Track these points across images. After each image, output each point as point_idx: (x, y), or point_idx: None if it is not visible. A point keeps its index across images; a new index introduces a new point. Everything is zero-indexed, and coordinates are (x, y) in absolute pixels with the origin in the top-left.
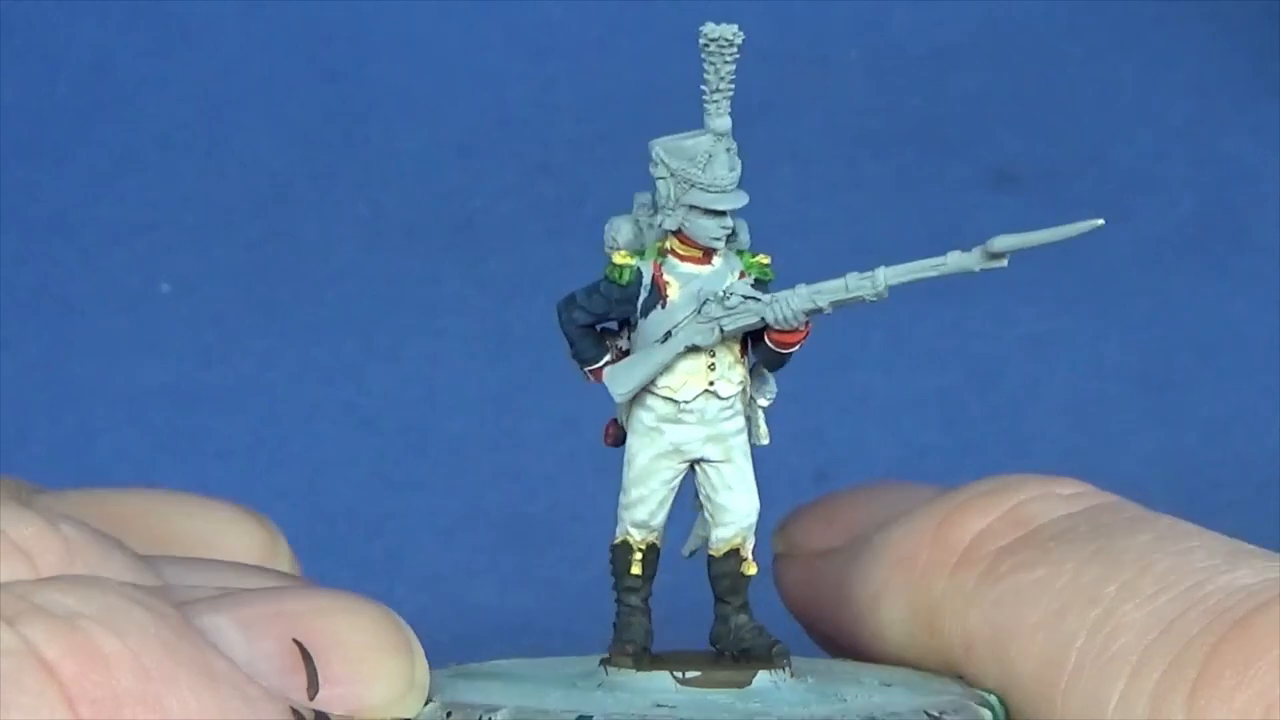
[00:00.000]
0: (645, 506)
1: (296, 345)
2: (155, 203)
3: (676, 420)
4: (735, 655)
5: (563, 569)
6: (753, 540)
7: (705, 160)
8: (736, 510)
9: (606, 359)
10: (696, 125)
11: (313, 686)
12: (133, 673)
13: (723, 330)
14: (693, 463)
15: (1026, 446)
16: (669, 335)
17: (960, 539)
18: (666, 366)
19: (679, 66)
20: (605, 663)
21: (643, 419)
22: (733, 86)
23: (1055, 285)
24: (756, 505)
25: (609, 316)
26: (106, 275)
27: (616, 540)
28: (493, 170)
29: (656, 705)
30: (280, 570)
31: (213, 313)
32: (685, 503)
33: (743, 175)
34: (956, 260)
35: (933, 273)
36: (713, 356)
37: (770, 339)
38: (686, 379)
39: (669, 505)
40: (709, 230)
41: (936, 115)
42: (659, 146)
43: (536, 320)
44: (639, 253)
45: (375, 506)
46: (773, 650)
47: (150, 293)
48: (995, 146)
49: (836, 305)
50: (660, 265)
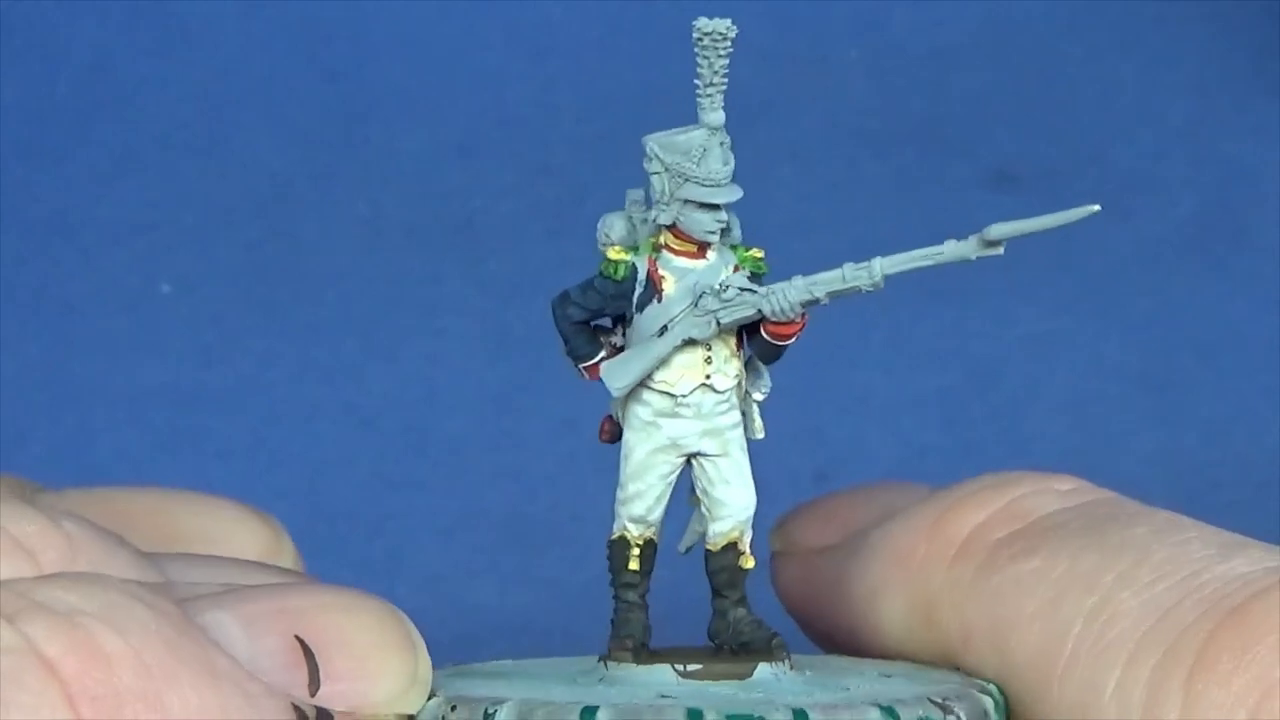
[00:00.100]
0: (643, 501)
1: (296, 345)
2: (155, 203)
3: (673, 415)
4: (734, 649)
5: (562, 568)
6: (750, 534)
7: (700, 154)
8: (734, 504)
9: (601, 355)
10: (695, 124)
11: (314, 683)
12: (134, 670)
13: (719, 323)
14: (689, 457)
15: (1026, 446)
16: (665, 329)
17: (958, 532)
18: (663, 361)
19: (679, 66)
20: (604, 659)
21: (639, 414)
22: (726, 80)
23: (1055, 285)
24: (753, 499)
25: (604, 312)
26: (106, 275)
27: (614, 536)
28: (493, 170)
29: (661, 696)
30: (284, 567)
31: (213, 313)
32: (681, 498)
33: (743, 175)
34: (953, 249)
35: (929, 262)
36: (709, 350)
37: (766, 331)
38: (683, 373)
39: (666, 500)
40: (704, 224)
41: (936, 115)
42: (653, 142)
43: (536, 320)
44: (633, 249)
45: (375, 506)
46: (772, 643)
47: (150, 293)
48: (995, 146)
49: (833, 296)
50: (655, 260)
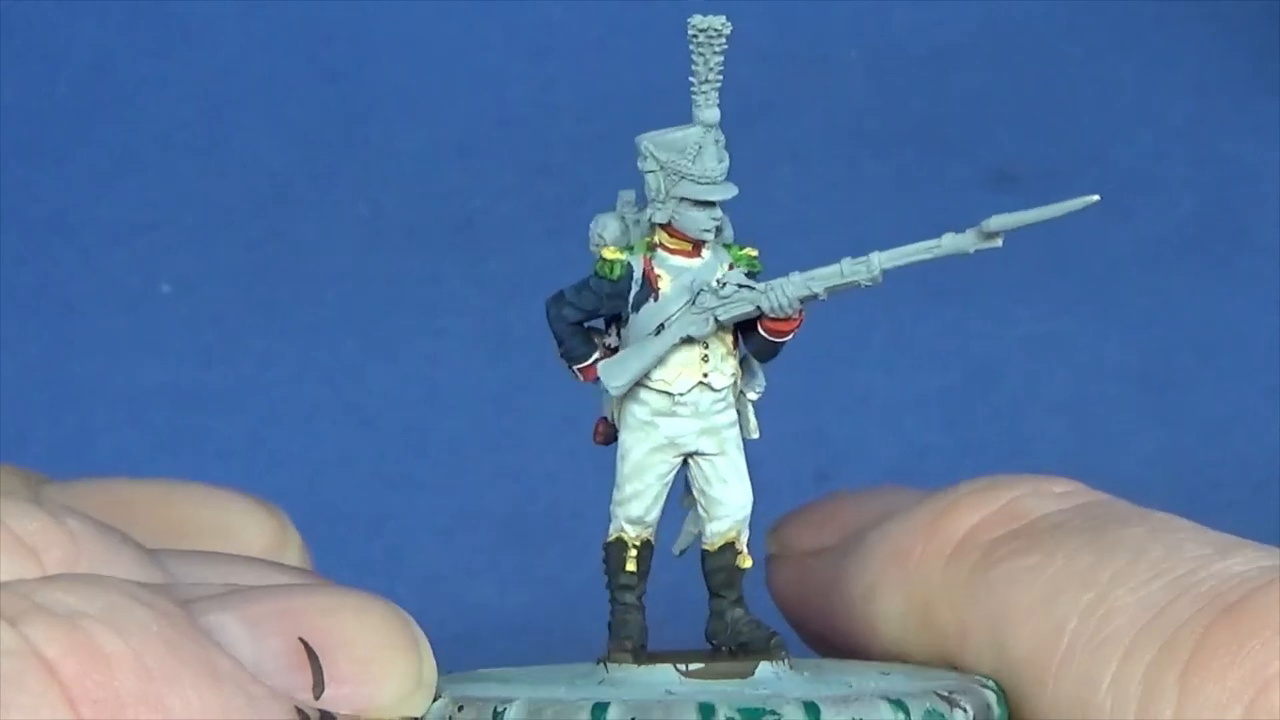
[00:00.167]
0: (640, 502)
1: (296, 345)
2: (155, 203)
3: (671, 413)
4: (733, 649)
5: (562, 568)
6: (747, 533)
7: (695, 152)
8: (731, 503)
9: (596, 356)
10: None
11: (318, 685)
12: (135, 672)
13: (717, 320)
14: (686, 457)
15: (1026, 447)
16: (662, 328)
17: (954, 532)
18: (660, 359)
19: (679, 66)
20: (603, 661)
21: (636, 413)
22: (721, 77)
23: (1055, 285)
24: (750, 498)
25: (599, 313)
26: (106, 275)
27: (610, 538)
28: (493, 170)
29: (668, 693)
30: (291, 562)
31: (213, 313)
32: (675, 501)
33: (743, 175)
34: (951, 242)
35: (927, 255)
36: (706, 349)
37: (764, 328)
38: (680, 371)
39: (663, 500)
40: (699, 222)
41: (936, 115)
42: (647, 141)
43: (536, 320)
44: (628, 248)
45: (375, 506)
46: (771, 642)
47: (150, 293)
48: (995, 146)
49: (832, 291)
50: (650, 259)
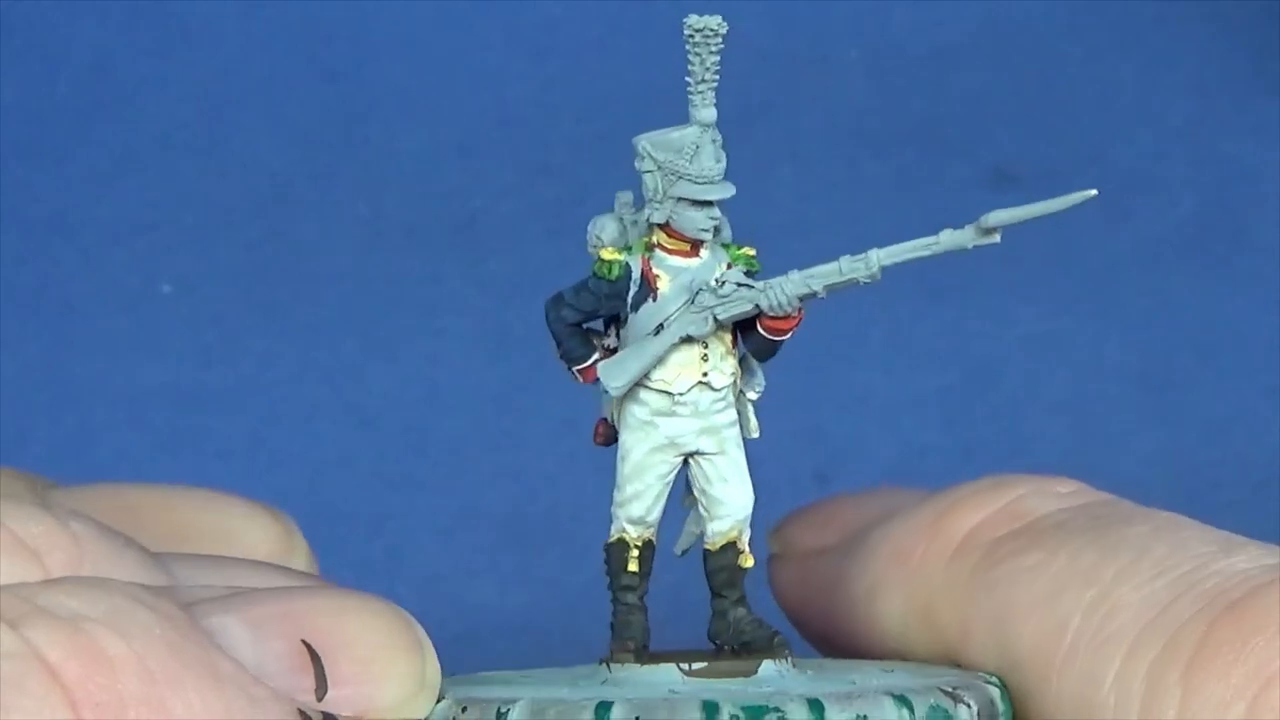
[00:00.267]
0: (641, 502)
1: (296, 345)
2: (155, 203)
3: (671, 413)
4: (735, 648)
5: (562, 568)
6: (748, 533)
7: (692, 152)
8: (732, 502)
9: (595, 357)
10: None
11: (321, 688)
12: (137, 675)
13: (717, 319)
14: (686, 457)
15: (1026, 446)
16: (661, 328)
17: (957, 531)
18: (660, 359)
19: (679, 66)
20: (606, 661)
21: (636, 414)
22: (718, 77)
23: (1055, 285)
24: (751, 497)
25: (598, 313)
26: (106, 275)
27: (611, 539)
28: (493, 170)
29: (671, 692)
30: (298, 568)
31: (213, 313)
32: (676, 501)
33: (743, 175)
34: (950, 238)
35: (926, 252)
36: (705, 348)
37: (763, 326)
38: (680, 371)
39: (664, 500)
40: (697, 222)
41: (936, 115)
42: (645, 141)
43: (536, 320)
44: (626, 249)
45: (375, 506)
46: (774, 641)
47: (150, 293)
48: (995, 146)
49: (831, 289)
50: (649, 259)
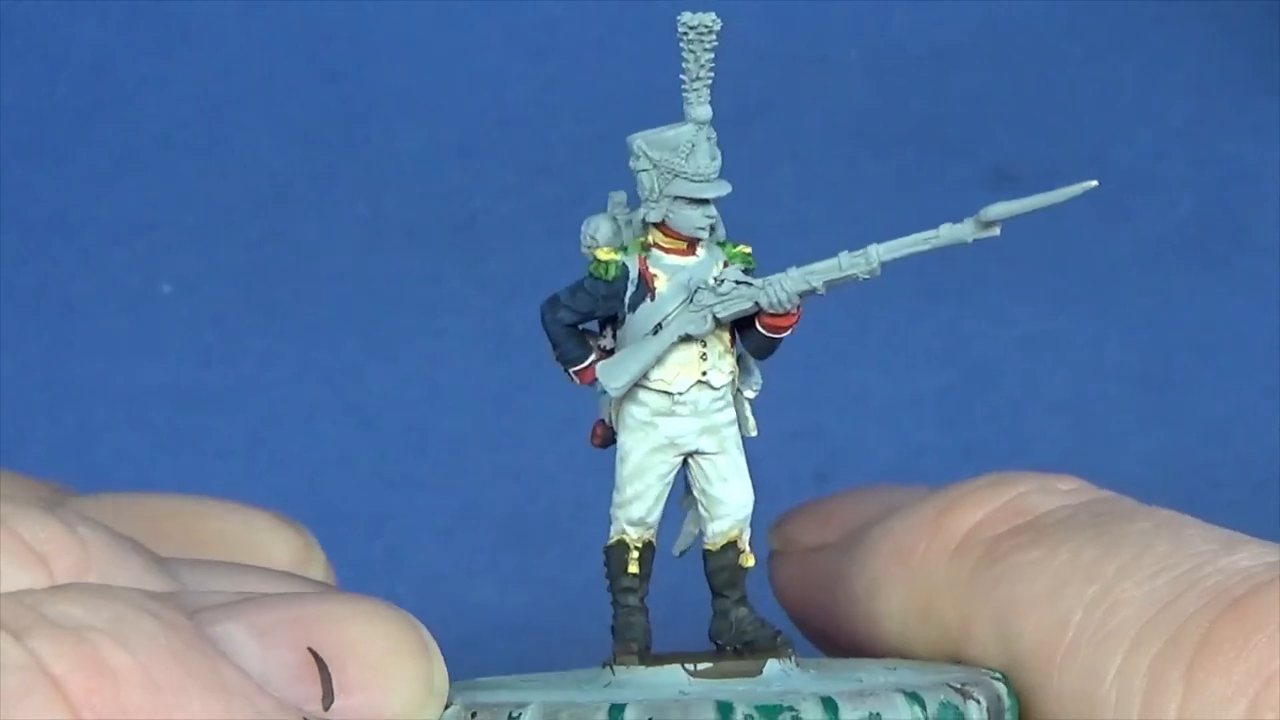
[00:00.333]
0: (642, 503)
1: (296, 345)
2: (155, 203)
3: (670, 413)
4: (738, 648)
5: (562, 568)
6: (749, 532)
7: (688, 150)
8: (732, 502)
9: (592, 358)
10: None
11: (328, 696)
12: (142, 686)
13: (716, 318)
14: (686, 457)
15: (1026, 446)
16: (659, 327)
17: (959, 528)
18: (659, 358)
19: (679, 66)
20: (609, 664)
21: (635, 414)
22: (713, 75)
23: (1055, 285)
24: (751, 496)
25: (595, 314)
26: (106, 275)
27: (611, 541)
28: (493, 170)
29: (681, 693)
30: (307, 577)
31: (213, 313)
32: (674, 502)
33: (743, 175)
34: (949, 232)
35: (925, 246)
36: (704, 347)
37: (762, 324)
38: (679, 371)
39: (664, 501)
40: (693, 220)
41: (936, 115)
42: (640, 140)
43: (536, 320)
44: (621, 249)
45: (375, 506)
46: (777, 640)
47: (150, 293)
48: (995, 146)
49: (830, 285)
50: (645, 259)
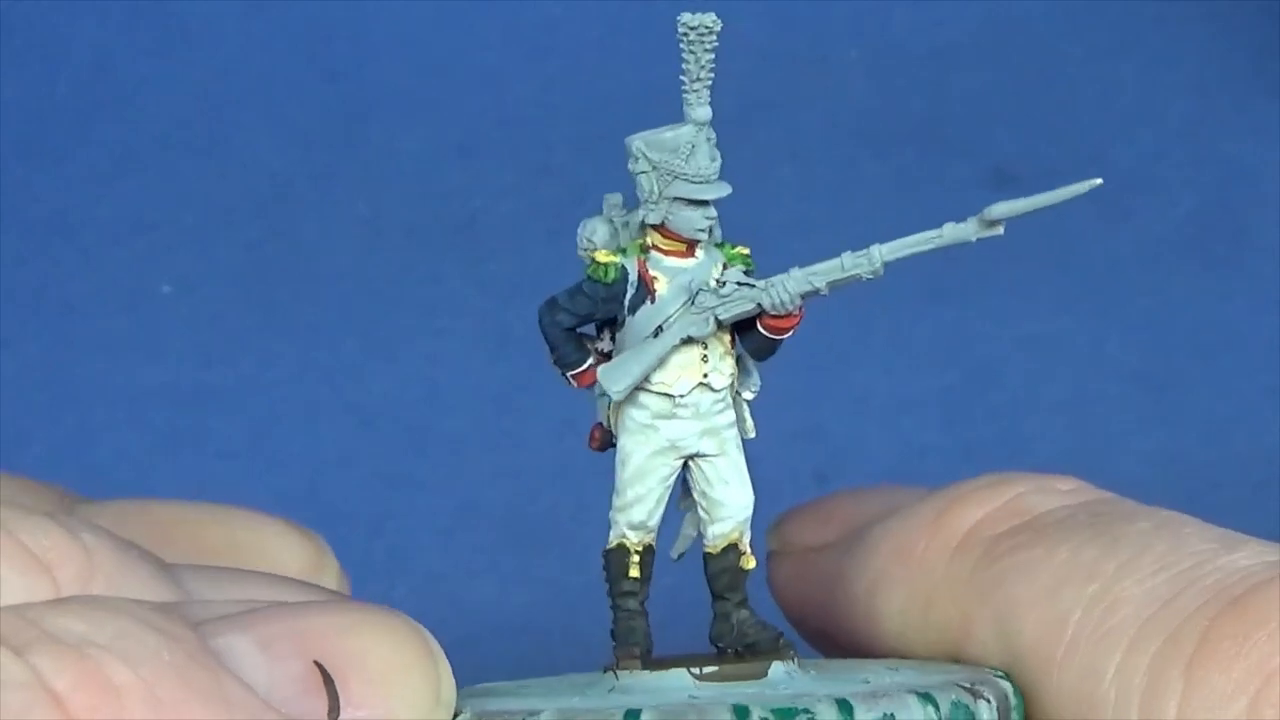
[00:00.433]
0: (643, 506)
1: (296, 345)
2: (155, 203)
3: (671, 416)
4: (740, 651)
5: (562, 569)
6: (749, 534)
7: (688, 151)
8: (733, 504)
9: (590, 362)
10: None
11: (334, 710)
12: (144, 703)
13: (718, 319)
14: (686, 459)
15: (1026, 446)
16: (660, 330)
17: (959, 527)
18: (661, 361)
19: (679, 67)
20: (611, 669)
21: (636, 417)
22: (713, 75)
23: (1055, 285)
24: (752, 498)
25: (594, 317)
26: (106, 275)
27: (611, 544)
28: (493, 170)
29: (692, 697)
30: (317, 585)
31: (213, 313)
32: (671, 504)
33: (743, 175)
34: (953, 231)
35: (929, 246)
36: (705, 349)
37: (764, 325)
38: (680, 373)
39: (665, 504)
40: (693, 221)
41: (936, 115)
42: (639, 141)
43: (536, 321)
44: (620, 251)
45: (375, 506)
46: (779, 642)
47: (150, 293)
48: (995, 146)
49: (833, 286)
50: (644, 261)
